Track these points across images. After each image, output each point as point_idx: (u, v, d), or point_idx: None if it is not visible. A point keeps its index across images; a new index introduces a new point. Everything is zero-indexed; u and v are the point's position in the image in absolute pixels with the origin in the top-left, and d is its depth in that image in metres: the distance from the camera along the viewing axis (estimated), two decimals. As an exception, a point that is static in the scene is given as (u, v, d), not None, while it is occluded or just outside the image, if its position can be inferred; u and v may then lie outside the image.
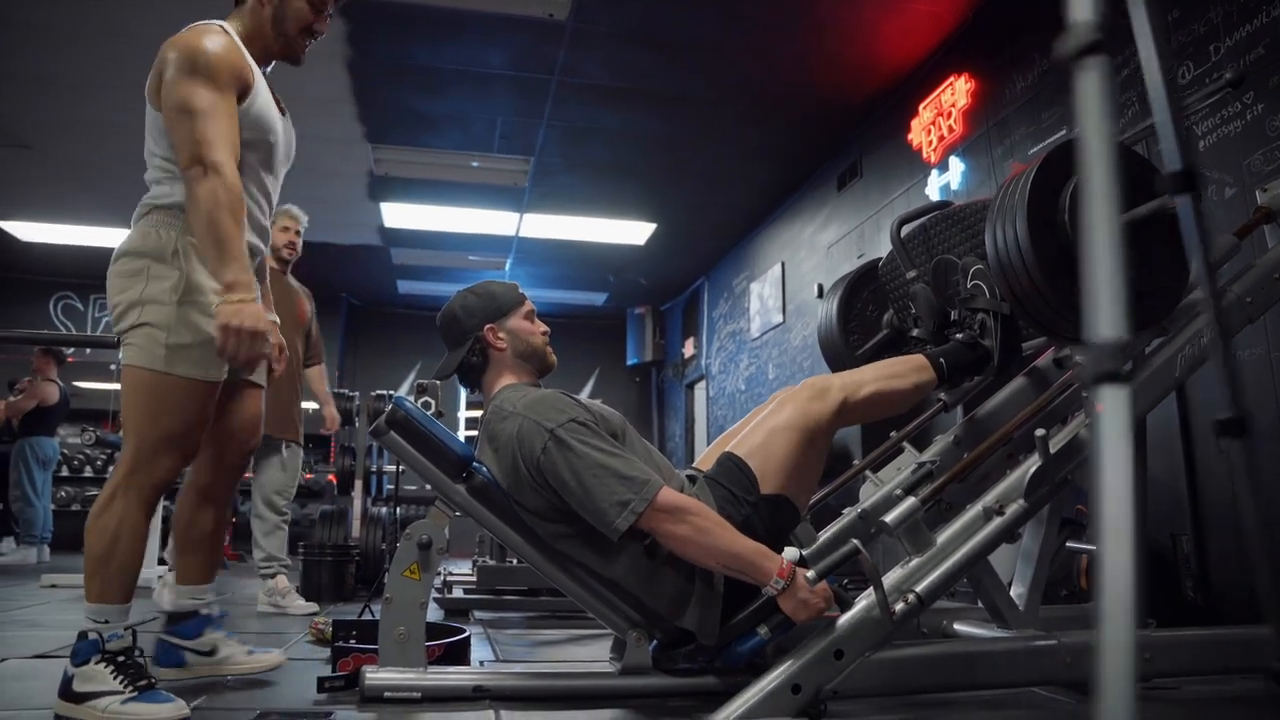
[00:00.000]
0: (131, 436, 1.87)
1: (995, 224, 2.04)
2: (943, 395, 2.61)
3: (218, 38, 1.88)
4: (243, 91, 1.92)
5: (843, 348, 2.99)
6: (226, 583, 3.62)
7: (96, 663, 1.77)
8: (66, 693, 1.76)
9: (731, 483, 2.00)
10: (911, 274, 2.69)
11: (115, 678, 1.75)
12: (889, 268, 2.85)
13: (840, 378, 2.20)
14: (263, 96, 1.98)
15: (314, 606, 3.77)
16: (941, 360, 2.32)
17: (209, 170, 1.77)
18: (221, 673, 2.14)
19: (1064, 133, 3.84)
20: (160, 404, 1.86)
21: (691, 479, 2.11)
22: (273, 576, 3.80)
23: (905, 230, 2.80)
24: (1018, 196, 1.98)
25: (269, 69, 2.08)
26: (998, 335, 2.34)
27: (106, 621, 1.82)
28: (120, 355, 1.91)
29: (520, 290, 2.27)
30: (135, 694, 1.74)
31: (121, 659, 1.78)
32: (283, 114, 2.11)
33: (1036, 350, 2.67)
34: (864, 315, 3.04)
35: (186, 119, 1.80)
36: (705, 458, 2.26)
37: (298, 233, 3.99)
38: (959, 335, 2.39)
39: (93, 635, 1.79)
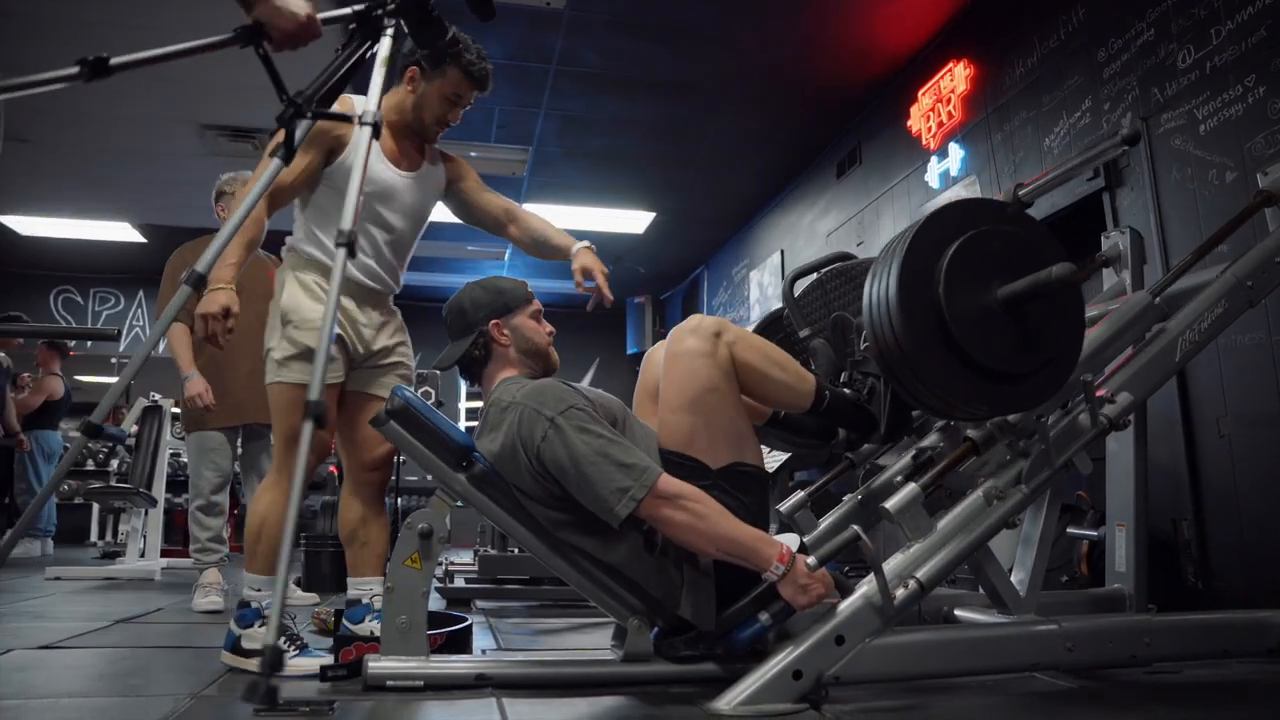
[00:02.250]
0: (275, 439, 2.30)
1: (871, 285, 1.89)
2: (849, 455, 2.49)
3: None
4: (331, 151, 2.26)
5: None
6: (231, 574, 3.62)
7: (260, 625, 2.15)
8: (235, 649, 2.14)
9: (683, 478, 1.93)
10: (804, 332, 2.51)
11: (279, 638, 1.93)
12: (790, 321, 2.68)
13: (732, 328, 2.08)
14: (355, 158, 2.01)
15: (314, 597, 3.76)
16: (828, 393, 2.13)
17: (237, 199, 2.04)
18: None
19: (1054, 139, 3.83)
20: (283, 409, 2.25)
21: None
22: None
23: (800, 286, 2.64)
24: (893, 259, 1.84)
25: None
26: (886, 401, 2.18)
27: (259, 590, 2.20)
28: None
29: (529, 289, 2.27)
30: (296, 652, 2.11)
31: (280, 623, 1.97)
32: (411, 170, 2.41)
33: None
34: None
35: None
36: (642, 412, 2.25)
37: None
38: (847, 392, 2.24)
39: (254, 604, 2.19)
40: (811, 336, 2.46)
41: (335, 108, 2.02)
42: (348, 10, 1.67)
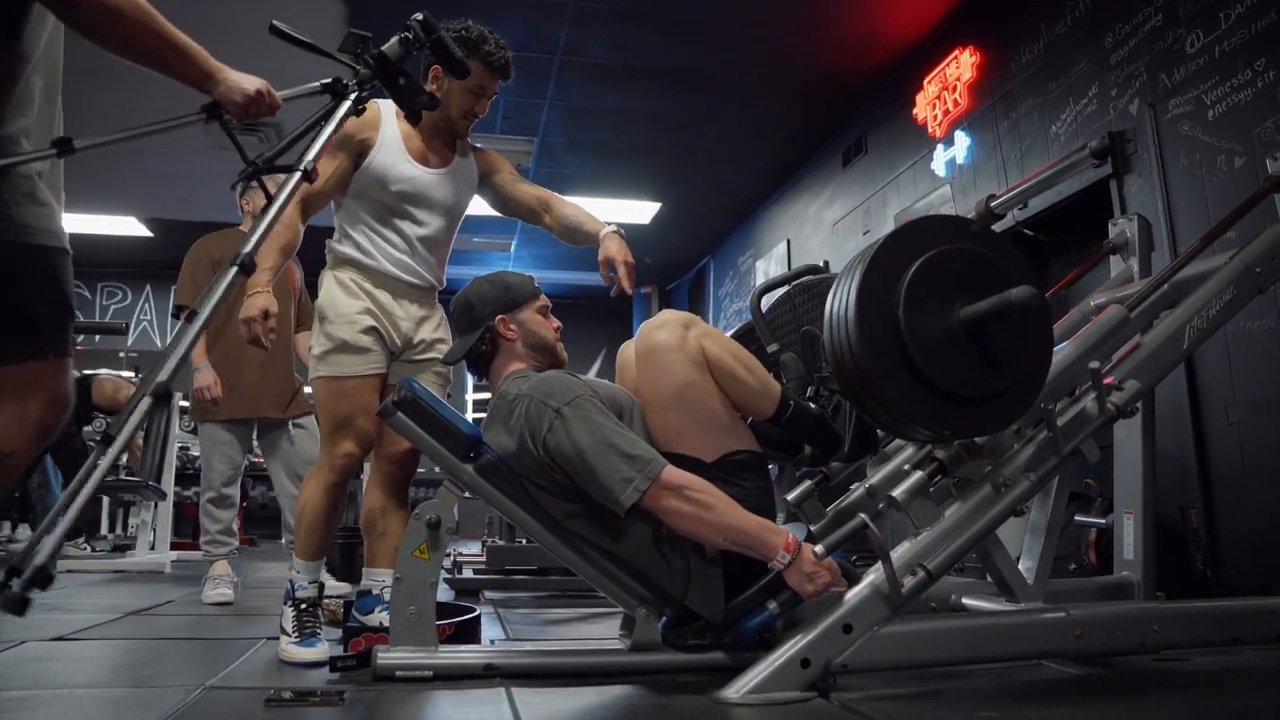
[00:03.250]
0: (320, 431, 2.40)
1: (831, 305, 1.86)
2: (823, 470, 2.42)
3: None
4: (359, 155, 2.35)
5: None
6: (240, 566, 3.64)
7: (288, 605, 2.25)
8: (281, 625, 2.25)
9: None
10: (772, 348, 2.48)
11: (293, 623, 2.21)
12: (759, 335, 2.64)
13: (700, 323, 2.08)
14: (383, 157, 2.36)
15: (346, 587, 3.70)
16: (792, 403, 2.12)
17: None
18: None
19: (1059, 134, 3.81)
20: (323, 402, 2.35)
21: None
22: None
23: (767, 300, 2.61)
24: (853, 279, 1.81)
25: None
26: (850, 420, 2.16)
27: (299, 573, 2.29)
28: None
29: (536, 284, 2.27)
30: (298, 640, 2.17)
31: (304, 606, 2.24)
32: (440, 166, 2.47)
33: None
34: None
35: None
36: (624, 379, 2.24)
37: None
38: (812, 407, 2.21)
39: (292, 585, 2.27)
40: (780, 351, 2.44)
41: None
42: (317, 85, 1.80)
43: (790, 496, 2.27)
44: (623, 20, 4.78)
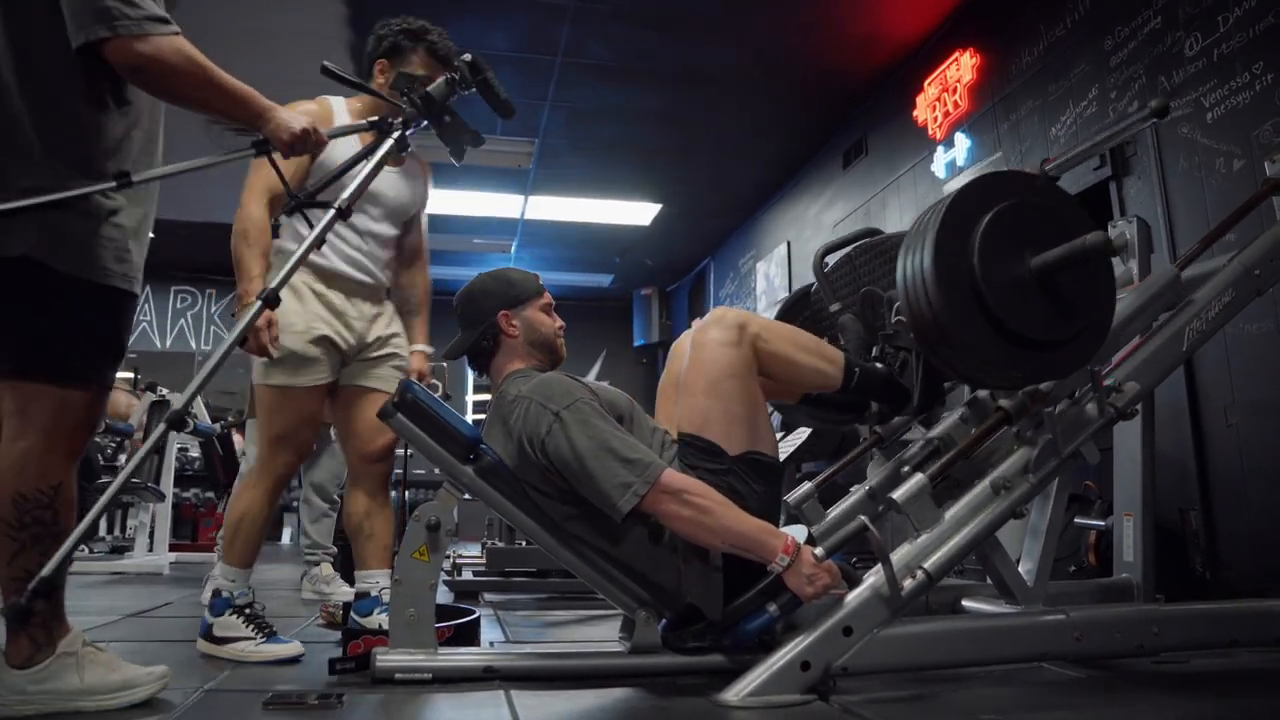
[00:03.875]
0: (259, 441, 2.37)
1: (904, 263, 1.91)
2: (878, 429, 2.48)
3: (297, 112, 2.09)
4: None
5: None
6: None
7: (230, 614, 2.22)
8: (209, 636, 2.22)
9: (700, 460, 1.99)
10: (835, 307, 2.54)
11: (247, 626, 2.21)
12: (819, 296, 2.71)
13: (756, 320, 2.10)
14: (338, 152, 2.18)
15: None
16: (856, 370, 2.17)
17: (239, 207, 2.26)
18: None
19: (1058, 131, 3.81)
20: (268, 410, 2.33)
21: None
22: (317, 564, 3.77)
23: (830, 260, 2.65)
24: (927, 230, 1.86)
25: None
26: (918, 375, 2.20)
27: (234, 581, 2.27)
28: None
29: (540, 281, 2.28)
30: (265, 639, 2.19)
31: (249, 611, 2.24)
32: (393, 165, 2.44)
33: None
34: None
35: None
36: (663, 407, 2.25)
37: None
38: (879, 366, 2.26)
39: (225, 593, 2.25)
40: (841, 312, 2.49)
41: (309, 105, 2.36)
42: (364, 123, 1.93)
43: (790, 498, 2.27)
44: (624, 21, 4.79)
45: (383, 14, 2.60)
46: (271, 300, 1.65)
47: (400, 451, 5.17)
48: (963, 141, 4.66)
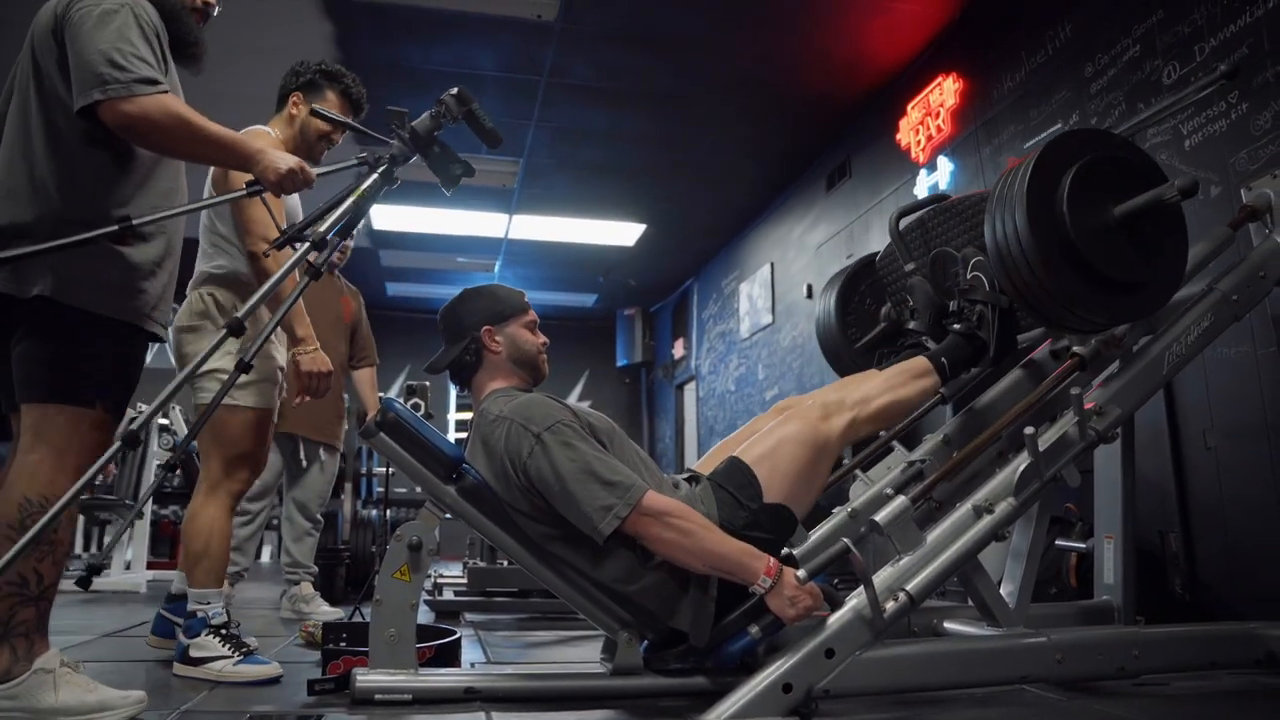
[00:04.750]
0: (214, 458, 2.38)
1: (994, 215, 2.04)
2: (941, 389, 2.62)
3: (260, 139, 2.25)
4: None
5: (841, 341, 3.00)
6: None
7: (206, 635, 2.23)
8: (184, 658, 2.23)
9: (735, 486, 2.01)
10: (910, 267, 2.70)
11: (224, 646, 2.22)
12: (887, 261, 2.85)
13: (850, 396, 2.21)
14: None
15: (340, 612, 3.66)
16: (943, 359, 2.35)
17: (254, 243, 2.37)
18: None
19: (1057, 128, 3.86)
20: (240, 430, 2.39)
21: (693, 479, 2.12)
22: (297, 583, 3.74)
23: (903, 223, 2.80)
24: (1017, 187, 1.99)
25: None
26: (994, 327, 2.35)
27: (209, 603, 2.28)
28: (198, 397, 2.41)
29: (525, 299, 2.28)
30: (241, 658, 2.20)
31: (224, 631, 2.26)
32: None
33: (1033, 343, 2.68)
34: (862, 309, 3.05)
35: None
36: (707, 461, 2.26)
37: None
38: (956, 326, 2.41)
39: (200, 614, 2.26)
40: (914, 272, 2.66)
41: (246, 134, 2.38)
42: (353, 161, 2.00)
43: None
44: (609, 43, 4.82)
45: (367, 34, 2.64)
46: (235, 329, 1.69)
47: (381, 470, 5.17)
48: (945, 165, 4.71)
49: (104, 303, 1.77)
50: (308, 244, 1.78)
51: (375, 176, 1.91)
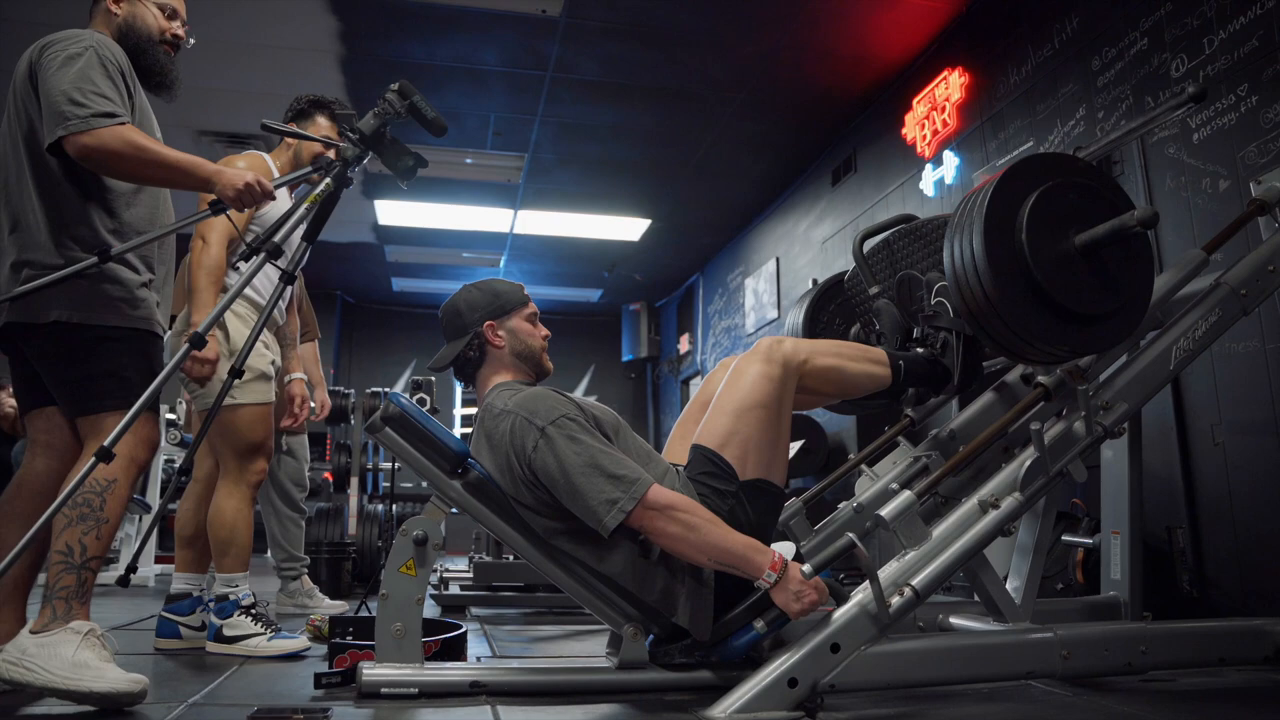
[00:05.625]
0: (228, 455, 2.65)
1: (952, 242, 1.97)
2: (909, 412, 2.58)
3: (231, 164, 2.49)
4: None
5: None
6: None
7: (238, 615, 2.49)
8: (219, 637, 2.49)
9: (710, 477, 2.00)
10: (874, 290, 2.62)
11: (256, 624, 2.48)
12: (854, 282, 2.77)
13: (796, 341, 2.15)
14: (275, 206, 2.68)
15: (343, 605, 3.68)
16: (901, 362, 2.26)
17: (204, 245, 2.63)
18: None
19: (1054, 133, 3.85)
20: (246, 426, 2.65)
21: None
22: (296, 578, 3.76)
23: (868, 245, 2.71)
24: (975, 214, 1.92)
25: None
26: (959, 354, 2.27)
27: (236, 585, 2.54)
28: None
29: (525, 292, 2.28)
30: (273, 634, 2.47)
31: (255, 611, 2.52)
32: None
33: (1006, 365, 2.64)
34: (830, 328, 2.98)
35: None
36: (671, 446, 2.26)
37: None
38: (920, 350, 2.34)
39: (231, 596, 2.52)
40: (878, 295, 2.59)
41: (241, 161, 2.77)
42: (306, 169, 2.15)
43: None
44: (614, 37, 4.81)
45: (373, 30, 2.65)
46: (198, 343, 1.85)
47: (387, 464, 5.18)
48: (951, 160, 4.69)
49: (116, 316, 1.95)
50: (263, 254, 1.96)
51: (327, 179, 2.04)
